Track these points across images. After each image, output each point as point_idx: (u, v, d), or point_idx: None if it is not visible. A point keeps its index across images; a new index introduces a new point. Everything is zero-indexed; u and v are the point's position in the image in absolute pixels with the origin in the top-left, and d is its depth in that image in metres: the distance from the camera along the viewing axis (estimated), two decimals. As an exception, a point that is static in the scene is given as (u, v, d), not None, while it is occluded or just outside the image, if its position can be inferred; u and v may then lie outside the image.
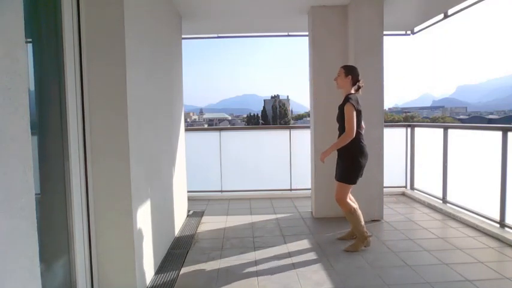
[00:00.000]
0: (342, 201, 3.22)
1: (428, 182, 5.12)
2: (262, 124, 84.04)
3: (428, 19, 4.80)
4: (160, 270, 2.89)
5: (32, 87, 1.76)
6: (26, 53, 1.26)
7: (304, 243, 3.45)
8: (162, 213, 3.21)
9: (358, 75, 3.26)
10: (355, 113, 3.09)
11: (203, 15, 4.51)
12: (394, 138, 5.37)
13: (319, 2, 4.13)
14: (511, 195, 3.52)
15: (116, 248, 2.30)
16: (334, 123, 4.24)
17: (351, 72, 3.24)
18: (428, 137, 5.24)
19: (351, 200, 3.31)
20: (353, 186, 3.24)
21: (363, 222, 3.25)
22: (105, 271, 2.29)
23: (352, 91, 3.25)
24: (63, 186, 2.03)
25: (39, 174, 1.77)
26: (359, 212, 3.25)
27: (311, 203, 4.58)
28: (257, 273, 2.82)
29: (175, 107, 3.93)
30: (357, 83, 3.26)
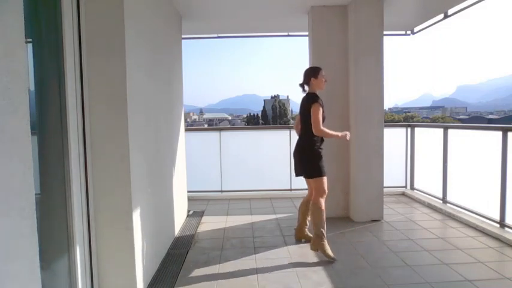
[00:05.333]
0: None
1: (428, 182, 5.12)
2: (262, 124, 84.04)
3: (428, 19, 4.80)
4: (160, 270, 2.89)
5: (32, 87, 1.76)
6: (26, 53, 1.27)
7: (304, 243, 3.45)
8: (162, 213, 3.21)
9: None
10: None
11: (203, 15, 4.51)
12: (394, 138, 5.37)
13: (319, 2, 4.13)
14: (511, 195, 3.52)
15: (115, 248, 2.30)
16: (334, 123, 4.25)
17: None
18: (428, 137, 5.24)
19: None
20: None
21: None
22: (105, 271, 2.29)
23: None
24: (63, 186, 2.03)
25: (39, 174, 1.77)
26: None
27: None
28: (257, 273, 2.82)
29: (175, 107, 3.93)
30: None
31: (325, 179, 3.24)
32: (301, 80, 3.43)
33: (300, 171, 3.36)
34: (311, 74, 3.35)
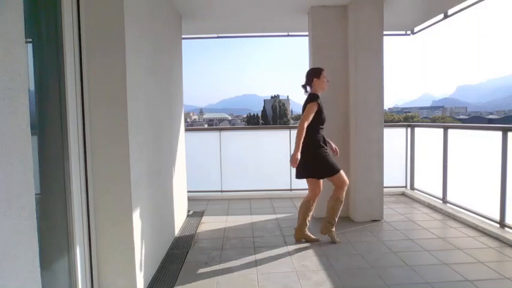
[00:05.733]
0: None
1: (428, 182, 5.12)
2: (262, 124, 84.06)
3: (428, 19, 4.80)
4: (160, 270, 2.89)
5: (32, 87, 1.76)
6: (26, 53, 1.27)
7: (304, 244, 3.45)
8: (162, 213, 3.21)
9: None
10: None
11: (203, 15, 4.51)
12: (394, 138, 5.37)
13: (319, 2, 4.13)
14: (511, 195, 3.51)
15: (115, 248, 2.30)
16: (334, 123, 4.27)
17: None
18: (428, 137, 5.24)
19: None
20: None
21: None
22: (105, 271, 2.29)
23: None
24: (63, 186, 2.03)
25: (39, 174, 1.77)
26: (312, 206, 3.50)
27: (311, 203, 4.58)
28: (257, 273, 2.81)
29: (175, 107, 3.93)
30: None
31: (341, 172, 3.34)
32: (303, 81, 3.44)
33: (301, 173, 3.40)
34: (313, 75, 3.38)
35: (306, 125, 3.20)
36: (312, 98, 3.31)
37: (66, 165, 2.04)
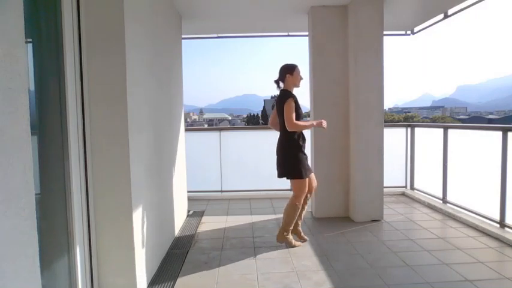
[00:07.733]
0: None
1: (428, 182, 5.12)
2: (262, 124, 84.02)
3: (428, 19, 4.80)
4: (160, 270, 2.89)
5: (32, 87, 1.76)
6: (26, 53, 1.26)
7: (304, 243, 3.45)
8: (162, 213, 3.21)
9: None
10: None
11: (203, 15, 4.51)
12: (394, 138, 5.37)
13: (319, 2, 4.13)
14: (511, 195, 3.52)
15: (116, 248, 2.30)
16: (334, 123, 4.27)
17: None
18: (428, 137, 5.24)
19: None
20: None
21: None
22: (105, 271, 2.29)
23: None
24: (63, 186, 2.03)
25: (39, 174, 1.77)
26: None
27: (311, 203, 4.58)
28: (257, 273, 2.82)
29: (175, 107, 3.93)
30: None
31: (305, 181, 3.29)
32: (277, 77, 3.42)
33: (281, 172, 3.38)
34: (287, 71, 3.36)
35: (294, 121, 3.15)
36: (287, 94, 3.26)
37: (66, 165, 2.04)
